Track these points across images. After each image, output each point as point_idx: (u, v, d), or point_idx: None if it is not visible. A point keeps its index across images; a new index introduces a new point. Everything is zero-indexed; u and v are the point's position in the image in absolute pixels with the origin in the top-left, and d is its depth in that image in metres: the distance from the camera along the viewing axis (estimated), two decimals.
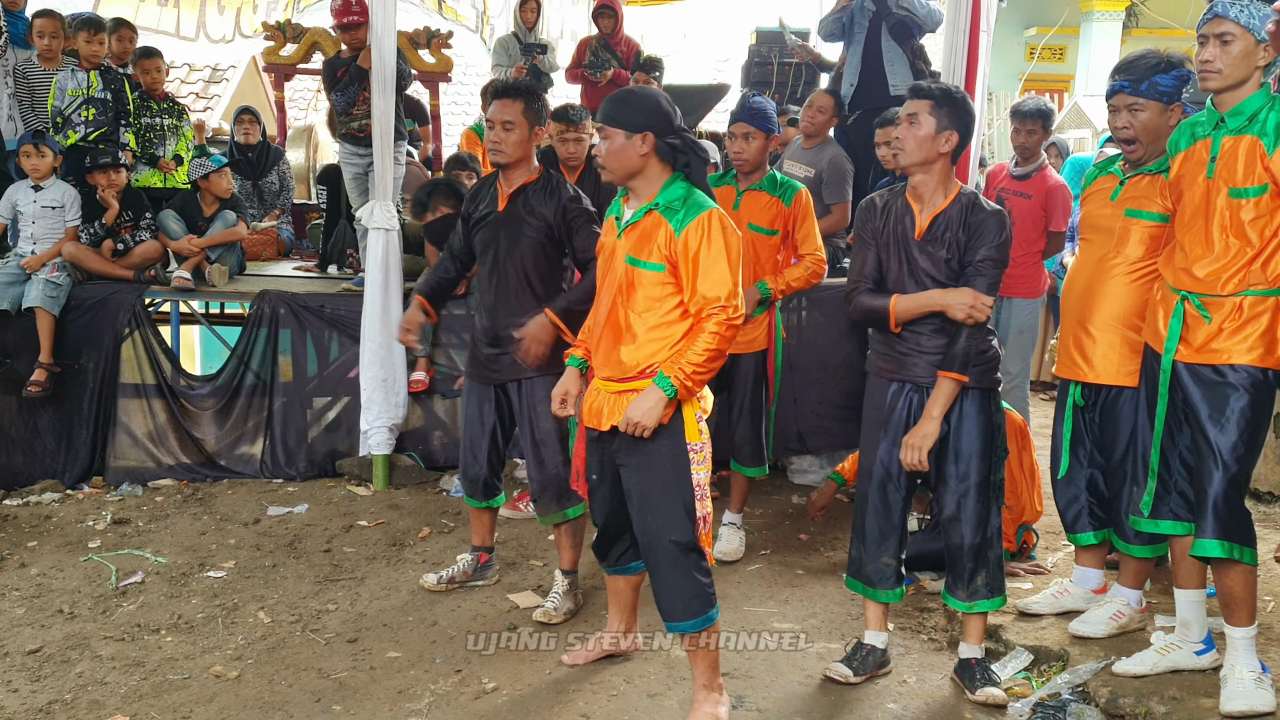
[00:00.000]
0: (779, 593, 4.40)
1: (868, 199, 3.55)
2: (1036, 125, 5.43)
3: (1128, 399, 3.52)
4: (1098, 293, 3.54)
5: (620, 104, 3.16)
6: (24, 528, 5.06)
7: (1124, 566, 3.69)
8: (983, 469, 3.38)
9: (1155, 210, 3.44)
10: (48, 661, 3.74)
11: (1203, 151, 3.11)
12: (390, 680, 3.62)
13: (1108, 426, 3.62)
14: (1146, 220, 3.45)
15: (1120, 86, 3.44)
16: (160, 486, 5.64)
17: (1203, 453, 3.06)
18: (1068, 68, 11.61)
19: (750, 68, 8.82)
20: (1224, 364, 3.03)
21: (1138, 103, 3.41)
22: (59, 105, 6.23)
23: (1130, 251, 3.49)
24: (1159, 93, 3.39)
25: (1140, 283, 3.47)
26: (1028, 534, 4.64)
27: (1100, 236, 3.57)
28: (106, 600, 4.25)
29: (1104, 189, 3.60)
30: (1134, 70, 3.43)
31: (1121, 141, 3.51)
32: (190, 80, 12.32)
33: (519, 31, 8.89)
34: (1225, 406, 3.01)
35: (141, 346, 5.79)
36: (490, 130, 3.92)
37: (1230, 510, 3.01)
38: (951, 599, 3.52)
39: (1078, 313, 3.61)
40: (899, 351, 3.39)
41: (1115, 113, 3.48)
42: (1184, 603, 3.33)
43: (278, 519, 5.18)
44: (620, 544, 3.50)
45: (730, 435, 4.83)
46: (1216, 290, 3.05)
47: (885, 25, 6.83)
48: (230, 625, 4.05)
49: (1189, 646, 3.33)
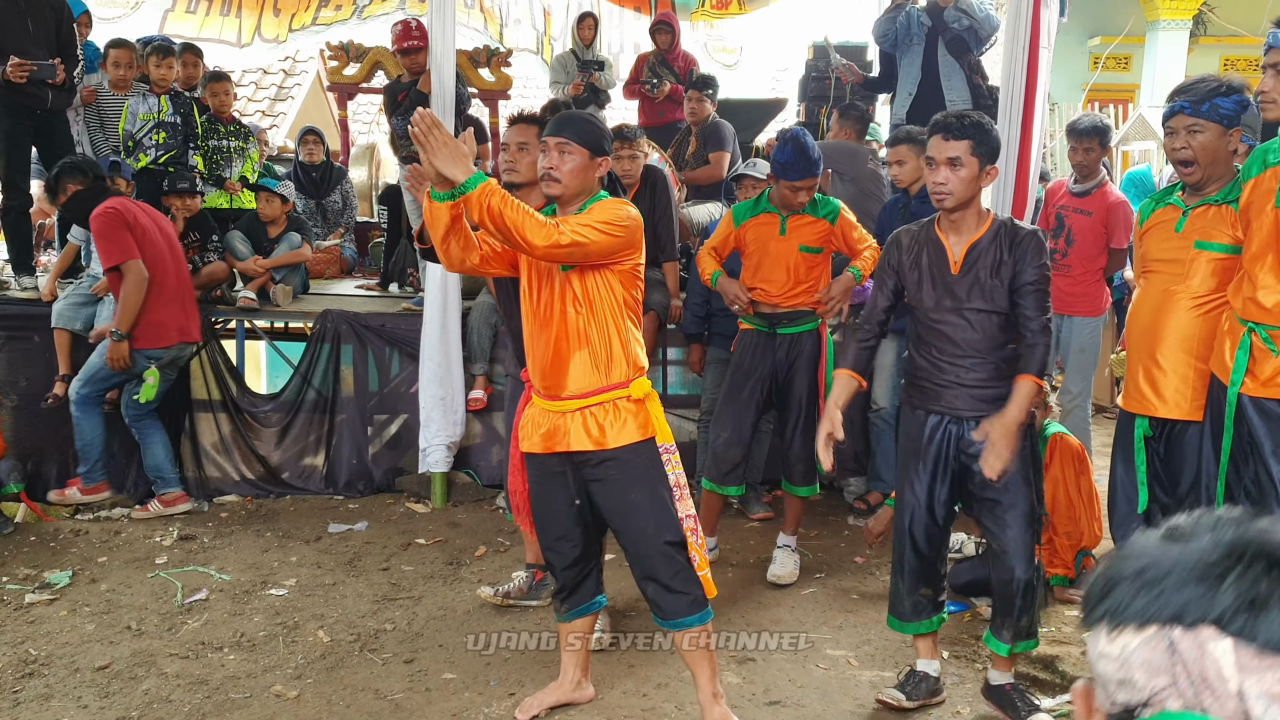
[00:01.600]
0: (833, 618, 4.38)
1: (894, 234, 3.52)
2: (1094, 142, 5.36)
3: (1194, 433, 3.45)
4: (1166, 326, 3.46)
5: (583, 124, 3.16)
6: (95, 543, 5.20)
7: None
8: (1028, 496, 3.31)
9: (1225, 241, 3.35)
10: (116, 678, 3.85)
11: (1272, 180, 3.04)
12: (445, 702, 3.67)
13: (1172, 460, 3.55)
14: (1216, 251, 3.36)
15: (1180, 107, 3.36)
16: (225, 503, 5.78)
17: (1264, 488, 3.00)
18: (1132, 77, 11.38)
19: (807, 82, 8.78)
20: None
21: (1198, 124, 3.33)
22: (130, 129, 6.41)
23: (1199, 284, 3.41)
24: (1220, 115, 3.31)
25: (1210, 315, 3.38)
26: (1087, 559, 4.58)
27: (1167, 268, 3.48)
28: (172, 617, 4.37)
29: (1166, 221, 3.51)
30: (1194, 92, 3.35)
31: (1178, 164, 3.44)
32: (257, 99, 12.59)
33: (577, 49, 8.97)
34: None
35: (208, 364, 5.94)
36: (505, 151, 3.91)
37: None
38: (996, 641, 3.45)
39: (1146, 346, 3.53)
40: (938, 383, 3.34)
41: (1173, 134, 3.39)
42: None
43: (338, 536, 5.27)
44: (590, 580, 3.47)
45: (783, 455, 4.83)
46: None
47: (941, 40, 6.80)
48: (290, 644, 4.13)
49: None
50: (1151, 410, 3.54)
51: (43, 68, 5.89)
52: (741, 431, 4.72)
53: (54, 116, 6.23)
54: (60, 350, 5.77)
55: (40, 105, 6.06)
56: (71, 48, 6.22)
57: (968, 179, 3.20)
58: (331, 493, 5.88)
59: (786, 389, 4.75)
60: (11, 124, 6.09)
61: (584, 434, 3.16)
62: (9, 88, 5.92)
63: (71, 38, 6.26)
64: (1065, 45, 11.40)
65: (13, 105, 6.03)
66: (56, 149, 6.31)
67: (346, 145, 9.18)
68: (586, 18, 9.09)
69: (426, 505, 5.69)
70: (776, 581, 4.71)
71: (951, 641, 4.02)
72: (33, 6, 6.03)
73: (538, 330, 3.17)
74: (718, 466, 4.73)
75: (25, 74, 5.82)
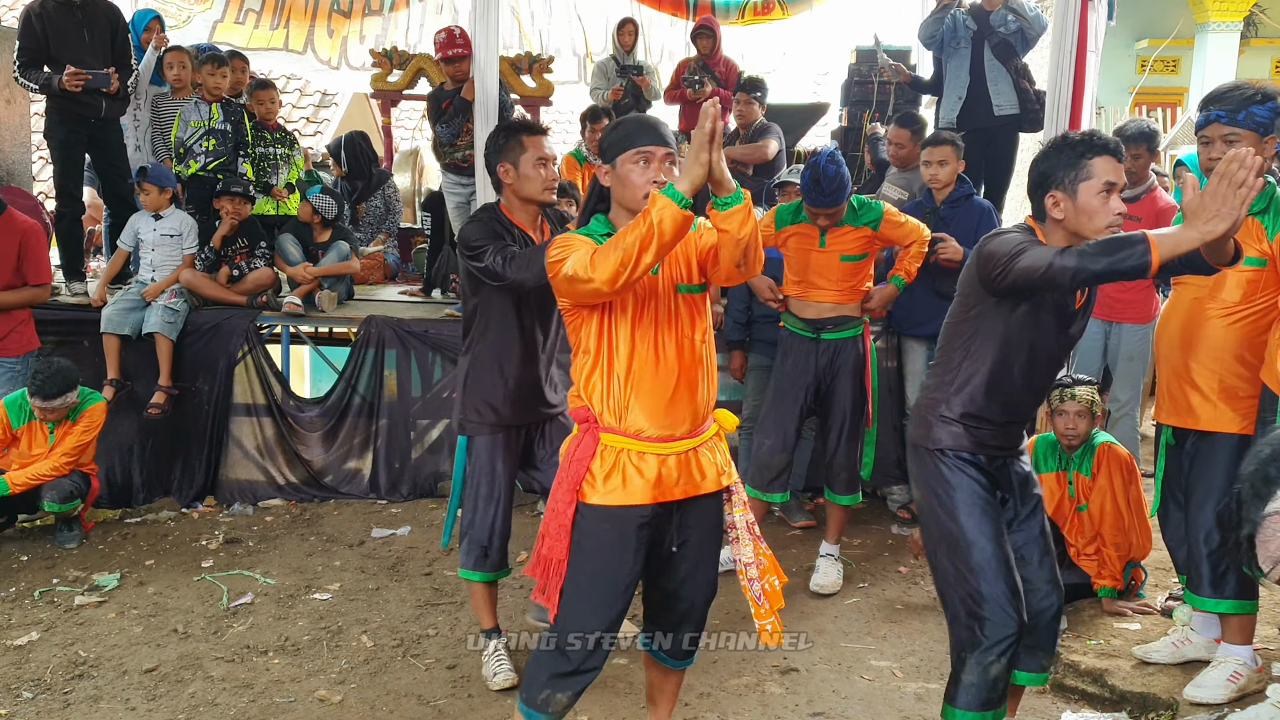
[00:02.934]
0: (877, 628, 4.34)
1: None
2: (1141, 149, 5.29)
3: (1221, 445, 3.39)
4: (1195, 337, 3.42)
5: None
6: (142, 546, 5.27)
7: (1224, 624, 3.54)
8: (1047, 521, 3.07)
9: (1252, 255, 3.31)
10: (163, 680, 3.89)
11: None
12: (488, 709, 3.67)
13: (1194, 468, 3.49)
14: (1244, 265, 3.32)
15: (1216, 116, 3.31)
16: (270, 507, 5.83)
17: None
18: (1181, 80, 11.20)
19: (850, 86, 8.72)
20: None
21: (1235, 133, 3.28)
22: (182, 136, 6.51)
23: (1226, 296, 3.37)
24: (1256, 123, 3.26)
25: (1238, 326, 3.35)
26: (1136, 570, 4.50)
27: (1195, 279, 3.45)
28: (218, 620, 4.41)
29: None
30: (1229, 100, 3.29)
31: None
32: (301, 105, 12.71)
33: (617, 54, 8.96)
34: None
35: (254, 370, 6.00)
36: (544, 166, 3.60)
37: None
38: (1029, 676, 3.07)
39: (1174, 358, 3.49)
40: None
41: (1208, 144, 3.32)
42: None
43: (381, 541, 5.30)
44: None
45: (826, 463, 4.80)
46: None
47: (988, 44, 6.74)
48: (334, 648, 4.16)
49: None
50: (1179, 421, 3.49)
51: (97, 76, 6.00)
52: (786, 438, 4.70)
53: (107, 125, 6.34)
54: (110, 355, 5.85)
55: (94, 114, 6.17)
56: (126, 57, 6.34)
57: None
58: (374, 497, 5.92)
59: (830, 396, 4.72)
60: (66, 133, 6.21)
61: (715, 472, 2.81)
62: (64, 97, 6.03)
63: (126, 47, 6.39)
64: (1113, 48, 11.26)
65: (67, 114, 6.15)
66: (110, 157, 6.44)
67: (390, 151, 9.24)
68: (627, 23, 9.07)
69: None
70: (819, 591, 4.68)
71: None
72: (89, 17, 6.16)
73: (654, 359, 2.70)
74: (762, 474, 4.71)
75: (80, 83, 5.93)
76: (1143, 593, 4.48)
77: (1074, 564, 4.44)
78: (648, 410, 2.70)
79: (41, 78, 6.03)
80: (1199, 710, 3.40)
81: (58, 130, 6.23)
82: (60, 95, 6.03)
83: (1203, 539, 3.44)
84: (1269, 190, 3.34)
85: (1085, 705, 3.64)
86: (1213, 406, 3.40)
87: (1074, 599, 4.42)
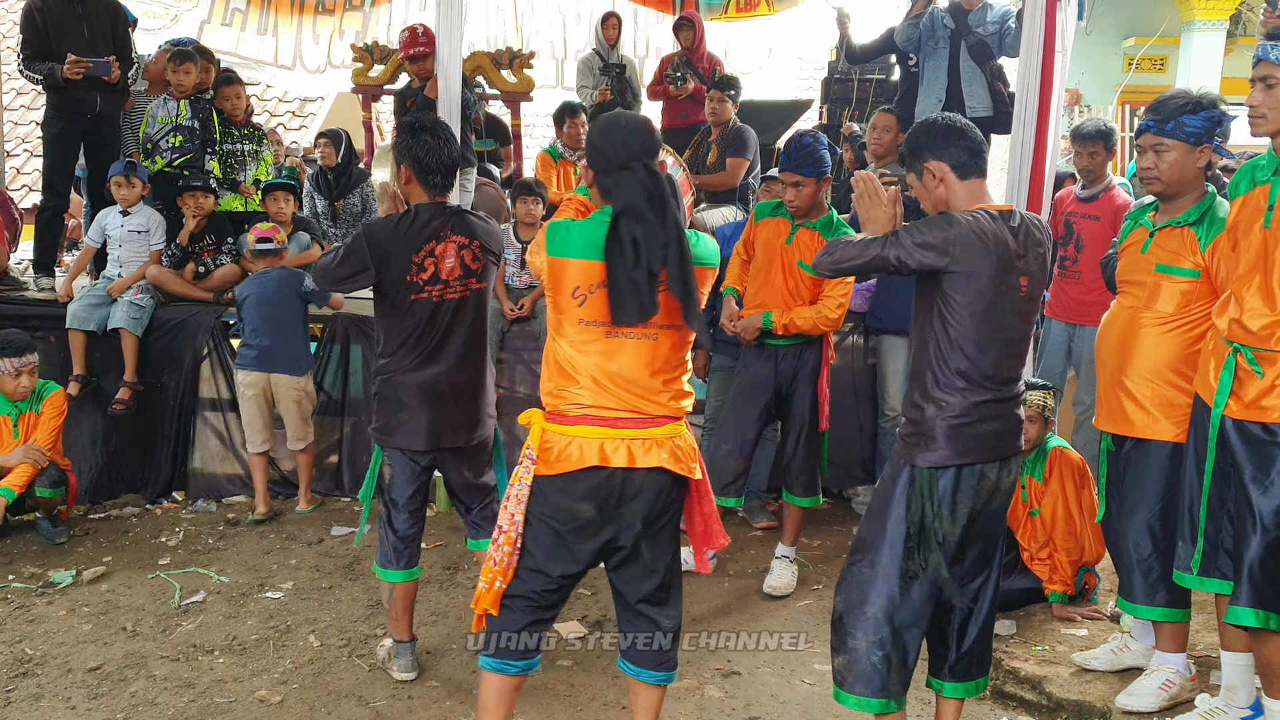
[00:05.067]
0: (825, 631, 4.25)
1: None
2: (1098, 146, 5.28)
3: (1154, 452, 3.39)
4: (1131, 346, 3.42)
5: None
6: (102, 542, 5.28)
7: (1157, 631, 3.53)
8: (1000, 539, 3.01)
9: (1186, 266, 3.31)
10: (106, 679, 3.90)
11: (1260, 198, 2.97)
12: (426, 711, 3.67)
13: (1128, 475, 3.49)
14: (1178, 276, 3.32)
15: (1146, 126, 3.35)
16: (234, 503, 5.83)
17: (1242, 514, 2.93)
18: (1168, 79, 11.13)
19: (830, 84, 8.72)
20: (1274, 422, 2.89)
21: (1163, 143, 3.28)
22: (150, 131, 6.51)
23: (1162, 307, 3.37)
24: (1185, 133, 3.26)
25: (1173, 336, 3.35)
26: (1089, 575, 4.49)
27: (1134, 290, 3.46)
28: (168, 619, 4.41)
29: (1136, 242, 3.49)
30: (1162, 110, 3.31)
31: (1145, 181, 3.41)
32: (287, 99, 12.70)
33: (601, 49, 8.93)
34: (1271, 467, 2.87)
35: (219, 366, 6.00)
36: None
37: (1267, 577, 2.86)
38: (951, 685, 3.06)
39: (1112, 366, 3.49)
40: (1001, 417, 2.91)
41: (1142, 153, 3.37)
42: (1230, 666, 3.18)
43: (340, 539, 5.30)
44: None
45: (785, 466, 4.79)
46: (1270, 345, 2.91)
47: (965, 44, 6.73)
48: (281, 648, 4.16)
49: (1235, 712, 3.18)
50: (1116, 428, 3.50)
51: (98, 65, 6.07)
52: (744, 444, 4.69)
53: (103, 121, 6.40)
54: (75, 351, 5.86)
55: (90, 109, 6.23)
56: (127, 50, 6.43)
57: None
58: (339, 494, 5.92)
59: (789, 400, 4.70)
60: (61, 128, 6.28)
61: None
62: (61, 92, 6.08)
63: (127, 41, 6.48)
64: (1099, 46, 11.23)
65: (64, 109, 6.22)
66: (104, 153, 6.48)
67: (371, 146, 9.21)
68: (610, 17, 9.04)
69: (432, 509, 5.70)
70: (772, 593, 4.68)
71: None
72: (89, 11, 6.24)
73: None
74: (718, 478, 4.68)
75: (81, 71, 5.97)
76: (1095, 598, 4.47)
77: (1027, 569, 4.44)
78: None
79: (45, 69, 6.08)
80: (1131, 719, 3.39)
81: (53, 124, 6.30)
82: (61, 87, 6.08)
83: (1133, 546, 3.44)
84: (1204, 202, 3.33)
85: (1023, 712, 3.64)
86: (1147, 415, 3.40)
87: (1026, 604, 4.42)
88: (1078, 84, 10.97)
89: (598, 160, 2.82)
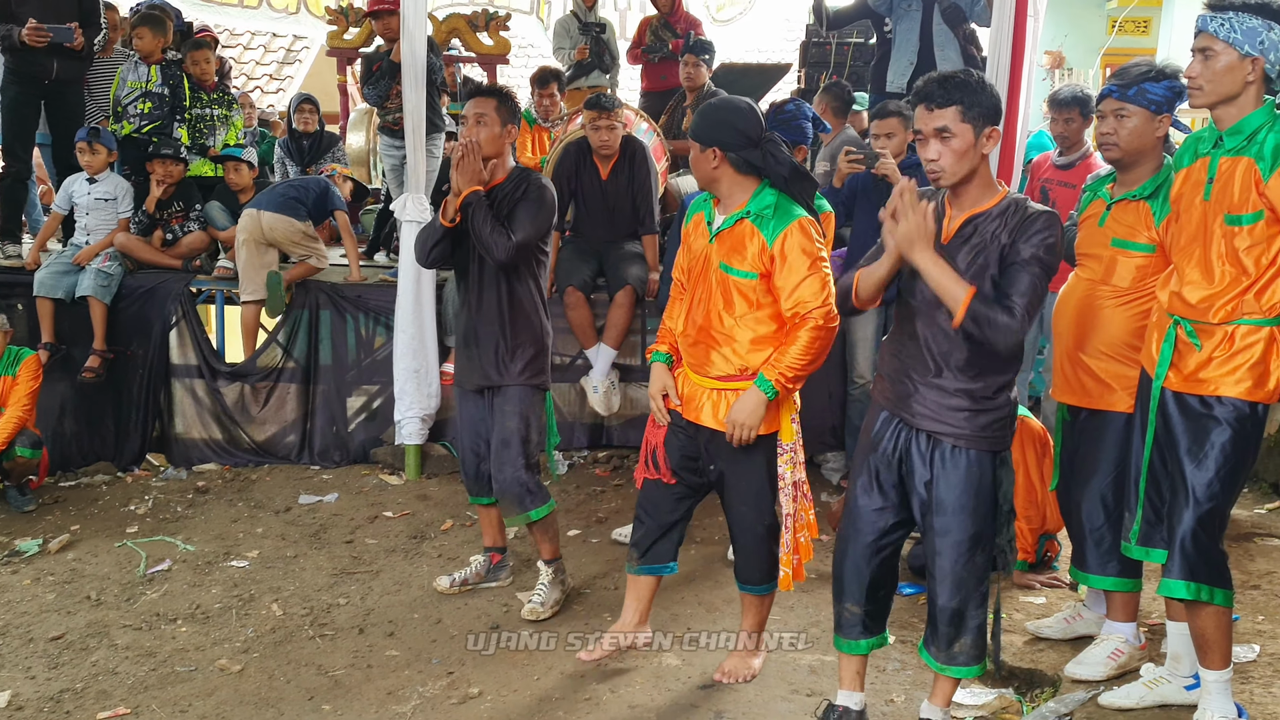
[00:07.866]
0: (786, 598, 4.34)
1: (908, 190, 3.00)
2: (1074, 113, 5.24)
3: (1108, 423, 3.40)
4: (1087, 319, 3.43)
5: (700, 116, 3.31)
6: (71, 511, 5.29)
7: (1108, 600, 3.57)
8: (968, 527, 2.92)
9: (1141, 241, 3.30)
10: (67, 649, 3.92)
11: (1201, 172, 2.96)
12: (384, 680, 3.70)
13: (1082, 445, 3.51)
14: (1133, 250, 3.32)
15: (1108, 91, 3.34)
16: (204, 471, 5.84)
17: (1176, 487, 2.94)
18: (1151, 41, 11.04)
19: (809, 47, 8.64)
20: (1211, 395, 2.90)
21: (1124, 109, 3.28)
22: (120, 94, 6.44)
23: (1118, 281, 3.36)
24: (1147, 100, 3.25)
25: (1128, 309, 3.35)
26: (1050, 543, 4.53)
27: (1091, 263, 3.45)
28: (133, 588, 4.43)
29: (1094, 215, 3.47)
30: (1125, 76, 3.32)
31: (1104, 147, 3.40)
32: (265, 62, 12.56)
33: (578, 10, 8.84)
34: (1205, 440, 2.88)
35: (188, 334, 5.99)
36: (463, 124, 4.02)
37: (1199, 550, 2.88)
38: (926, 654, 3.09)
39: (1068, 338, 3.49)
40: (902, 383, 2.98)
41: (1102, 119, 3.36)
42: (1174, 635, 3.21)
43: (307, 508, 5.32)
44: (665, 542, 3.60)
45: None
46: (1208, 318, 2.91)
47: (938, 7, 6.67)
48: (244, 617, 4.18)
49: (1179, 681, 3.21)
50: (1071, 399, 3.52)
51: (59, 31, 5.95)
52: None
53: (65, 86, 6.31)
54: (44, 318, 5.84)
55: (46, 75, 6.13)
56: (94, 15, 6.28)
57: (961, 150, 2.77)
58: (307, 463, 5.93)
59: None
60: (17, 92, 6.19)
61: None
62: (18, 57, 5.98)
63: (95, 5, 6.31)
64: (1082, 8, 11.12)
65: (20, 74, 6.12)
66: (66, 118, 6.39)
67: (346, 110, 9.14)
68: None
69: (400, 477, 5.72)
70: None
71: (898, 625, 3.98)
72: None
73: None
74: None
75: (42, 39, 5.88)
76: (1056, 565, 4.50)
77: None
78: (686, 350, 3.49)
79: (3, 30, 5.97)
80: (1078, 688, 3.43)
81: (9, 89, 6.21)
82: (14, 55, 5.98)
83: (1086, 516, 3.46)
84: (1159, 175, 3.32)
85: (974, 681, 3.66)
86: (1102, 386, 3.41)
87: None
88: (1060, 46, 10.87)
89: (738, 140, 3.21)
